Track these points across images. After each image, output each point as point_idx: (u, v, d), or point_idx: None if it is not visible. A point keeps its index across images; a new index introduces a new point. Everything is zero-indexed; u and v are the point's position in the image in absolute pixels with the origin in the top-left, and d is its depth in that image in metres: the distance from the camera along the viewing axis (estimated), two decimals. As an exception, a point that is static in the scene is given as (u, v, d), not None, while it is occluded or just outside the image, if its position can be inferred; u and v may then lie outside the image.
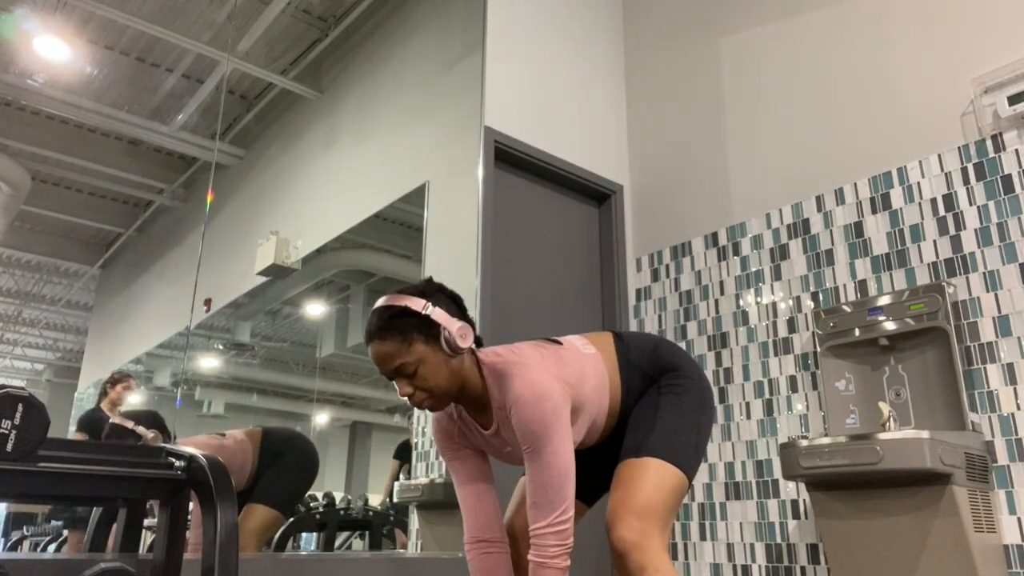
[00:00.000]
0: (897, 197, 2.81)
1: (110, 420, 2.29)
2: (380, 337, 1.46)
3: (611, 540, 1.49)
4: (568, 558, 1.45)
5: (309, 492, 2.71)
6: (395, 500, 2.85)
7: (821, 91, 3.14)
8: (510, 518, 1.74)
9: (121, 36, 2.52)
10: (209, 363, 2.60)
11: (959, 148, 2.67)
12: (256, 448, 2.49)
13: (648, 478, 1.51)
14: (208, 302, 2.50)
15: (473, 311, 3.01)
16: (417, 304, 1.48)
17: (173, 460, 1.41)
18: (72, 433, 2.24)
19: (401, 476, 2.91)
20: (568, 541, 1.44)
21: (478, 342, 1.57)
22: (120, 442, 2.37)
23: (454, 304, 1.54)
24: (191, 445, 2.34)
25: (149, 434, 2.29)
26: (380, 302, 1.51)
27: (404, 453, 2.97)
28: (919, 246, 2.71)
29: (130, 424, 2.30)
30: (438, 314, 1.48)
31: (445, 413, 1.65)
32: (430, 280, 1.57)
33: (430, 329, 1.47)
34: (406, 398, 1.48)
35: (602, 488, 1.80)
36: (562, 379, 1.52)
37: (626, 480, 1.52)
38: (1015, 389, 2.39)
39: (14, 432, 1.22)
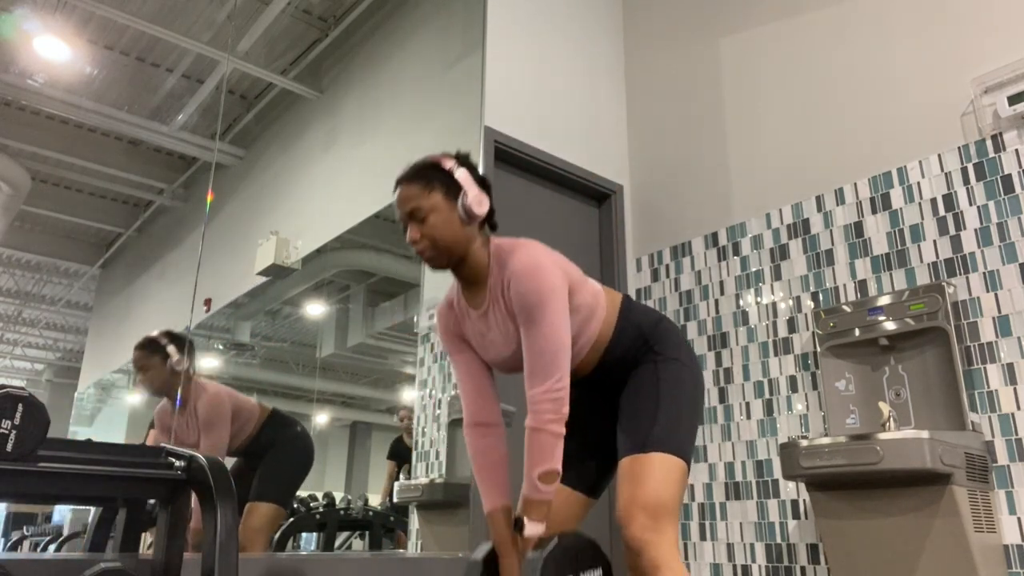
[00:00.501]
0: (897, 197, 2.81)
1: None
2: (407, 181, 1.60)
3: (625, 538, 1.50)
4: (562, 426, 1.50)
5: (309, 492, 2.71)
6: (395, 500, 2.85)
7: (821, 91, 3.14)
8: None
9: (121, 36, 2.52)
10: (209, 363, 2.60)
11: (959, 148, 2.67)
12: (261, 419, 2.50)
13: (656, 474, 1.52)
14: (208, 302, 2.51)
15: (473, 311, 3.01)
16: (447, 163, 1.61)
17: (173, 460, 1.41)
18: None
19: (401, 476, 2.91)
20: (563, 410, 1.50)
21: (493, 226, 1.66)
22: (120, 443, 2.37)
23: (481, 183, 1.64)
24: (210, 386, 2.38)
25: (175, 355, 2.34)
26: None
27: (398, 453, 2.96)
28: (919, 246, 2.71)
29: (163, 340, 2.36)
30: (462, 175, 1.60)
31: (446, 302, 1.73)
32: (465, 154, 1.67)
33: (451, 187, 1.59)
34: (412, 244, 1.58)
35: (598, 467, 1.78)
36: (563, 270, 1.59)
37: (635, 477, 1.53)
38: (1015, 389, 2.39)
39: (14, 432, 1.22)
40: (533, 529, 1.50)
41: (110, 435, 2.36)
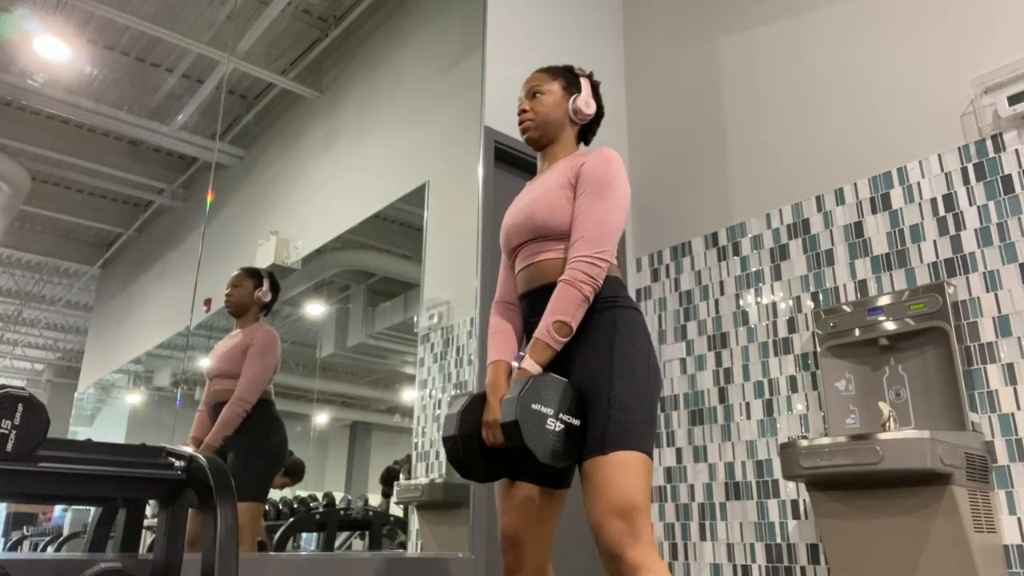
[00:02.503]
0: (897, 197, 2.81)
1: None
2: (544, 70, 1.90)
3: (602, 545, 1.48)
4: (592, 292, 1.61)
5: (309, 492, 2.71)
6: (395, 501, 2.86)
7: (821, 91, 3.14)
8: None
9: (121, 36, 2.52)
10: (209, 365, 2.59)
11: (959, 148, 2.67)
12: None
13: (620, 475, 1.50)
14: (208, 302, 2.51)
15: (473, 311, 3.01)
16: (579, 70, 1.91)
17: (173, 460, 1.41)
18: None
19: (401, 477, 2.91)
20: (598, 281, 1.62)
21: (587, 141, 1.92)
22: (120, 443, 2.37)
23: (597, 98, 1.90)
24: (273, 331, 2.53)
25: (265, 288, 2.60)
26: None
27: (387, 479, 2.91)
28: (919, 246, 2.71)
29: (264, 273, 2.61)
30: (585, 83, 1.88)
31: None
32: (593, 75, 1.93)
33: (572, 84, 1.87)
34: (521, 114, 1.85)
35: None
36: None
37: (600, 484, 1.51)
38: (1015, 389, 2.39)
39: (14, 432, 1.22)
40: (529, 365, 1.59)
41: (110, 435, 2.36)
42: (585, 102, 1.84)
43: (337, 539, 2.70)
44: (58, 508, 2.29)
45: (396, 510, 2.86)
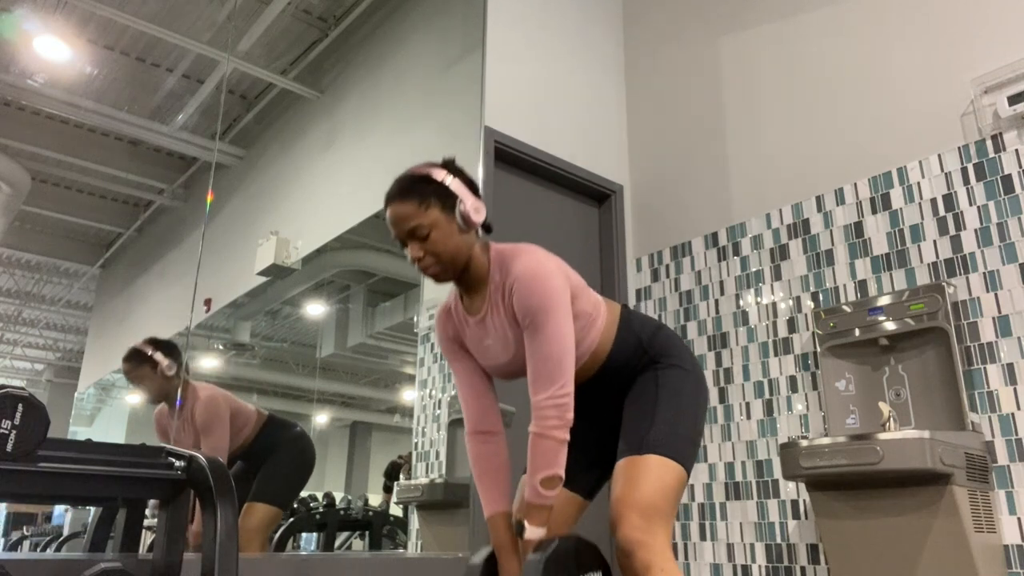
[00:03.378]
0: (897, 197, 2.81)
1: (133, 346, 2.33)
2: (400, 198, 1.56)
3: (616, 539, 1.49)
4: (566, 432, 1.49)
5: (309, 492, 2.71)
6: (395, 501, 2.86)
7: (821, 91, 3.14)
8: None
9: (121, 36, 2.52)
10: (209, 363, 2.60)
11: (959, 148, 2.67)
12: (259, 424, 2.51)
13: (651, 476, 1.51)
14: (208, 302, 2.51)
15: (473, 311, 3.01)
16: (438, 174, 1.58)
17: (173, 460, 1.41)
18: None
19: (401, 477, 2.91)
20: (568, 416, 1.49)
21: (488, 229, 1.66)
22: (120, 443, 2.37)
23: (471, 187, 1.62)
24: (205, 390, 2.38)
25: (164, 361, 2.35)
26: (404, 172, 1.62)
27: (391, 474, 2.94)
28: (919, 246, 2.71)
29: (149, 350, 2.35)
30: (456, 185, 1.58)
31: (444, 309, 1.72)
32: (452, 160, 1.64)
33: (447, 198, 1.56)
34: (415, 263, 1.57)
35: (597, 475, 1.79)
36: (565, 275, 1.58)
37: (629, 478, 1.52)
38: (1015, 389, 2.39)
39: (14, 432, 1.22)
40: (534, 533, 1.49)
41: (110, 435, 2.36)
42: (473, 208, 1.57)
43: (337, 539, 2.70)
44: (58, 508, 2.29)
45: (396, 509, 2.86)
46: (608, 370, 1.69)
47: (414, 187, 1.56)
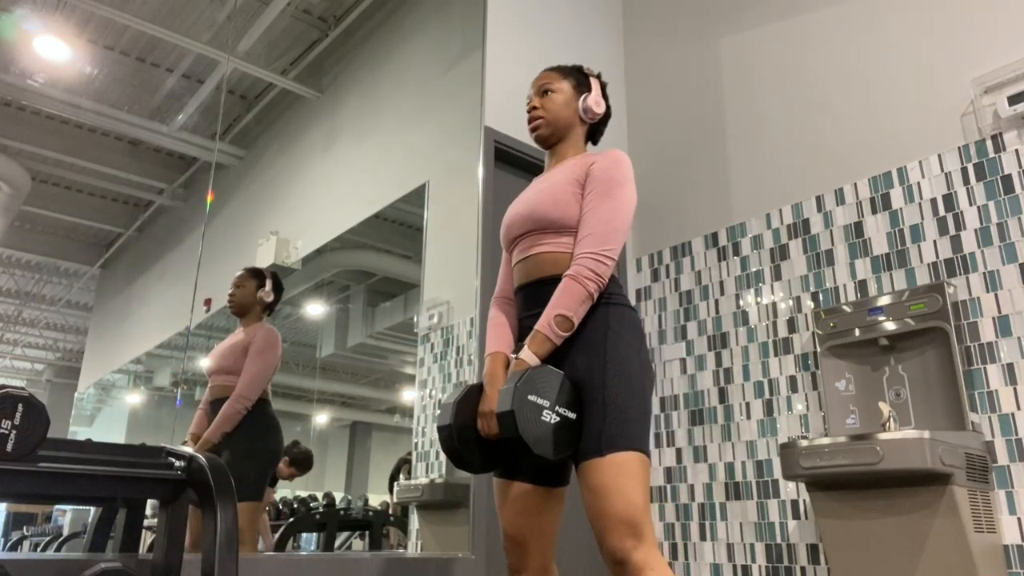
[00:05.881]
0: (897, 197, 2.81)
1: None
2: (554, 69, 1.92)
3: (606, 551, 1.48)
4: (597, 289, 1.62)
5: (309, 492, 2.71)
6: (395, 501, 2.86)
7: (821, 91, 3.14)
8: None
9: (121, 36, 2.52)
10: (209, 363, 2.59)
11: (959, 148, 2.67)
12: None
13: (620, 479, 1.50)
14: (208, 302, 2.51)
15: (473, 311, 3.01)
16: (588, 70, 1.94)
17: (173, 460, 1.41)
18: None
19: (401, 476, 2.91)
20: (604, 278, 1.63)
21: (595, 140, 1.95)
22: (120, 443, 2.37)
23: (604, 96, 1.92)
24: (273, 331, 2.54)
25: (268, 287, 2.62)
26: None
27: (395, 474, 2.93)
28: (919, 246, 2.71)
29: (267, 274, 2.63)
30: (595, 83, 1.91)
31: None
32: (600, 74, 1.99)
33: (583, 84, 1.89)
34: (530, 112, 1.87)
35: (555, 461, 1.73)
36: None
37: (598, 488, 1.50)
38: (1015, 389, 2.39)
39: (14, 432, 1.22)
40: (528, 356, 1.59)
41: (110, 435, 2.36)
42: (595, 101, 1.87)
43: (337, 539, 2.70)
44: (56, 508, 2.29)
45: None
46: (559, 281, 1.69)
47: (566, 66, 1.92)
